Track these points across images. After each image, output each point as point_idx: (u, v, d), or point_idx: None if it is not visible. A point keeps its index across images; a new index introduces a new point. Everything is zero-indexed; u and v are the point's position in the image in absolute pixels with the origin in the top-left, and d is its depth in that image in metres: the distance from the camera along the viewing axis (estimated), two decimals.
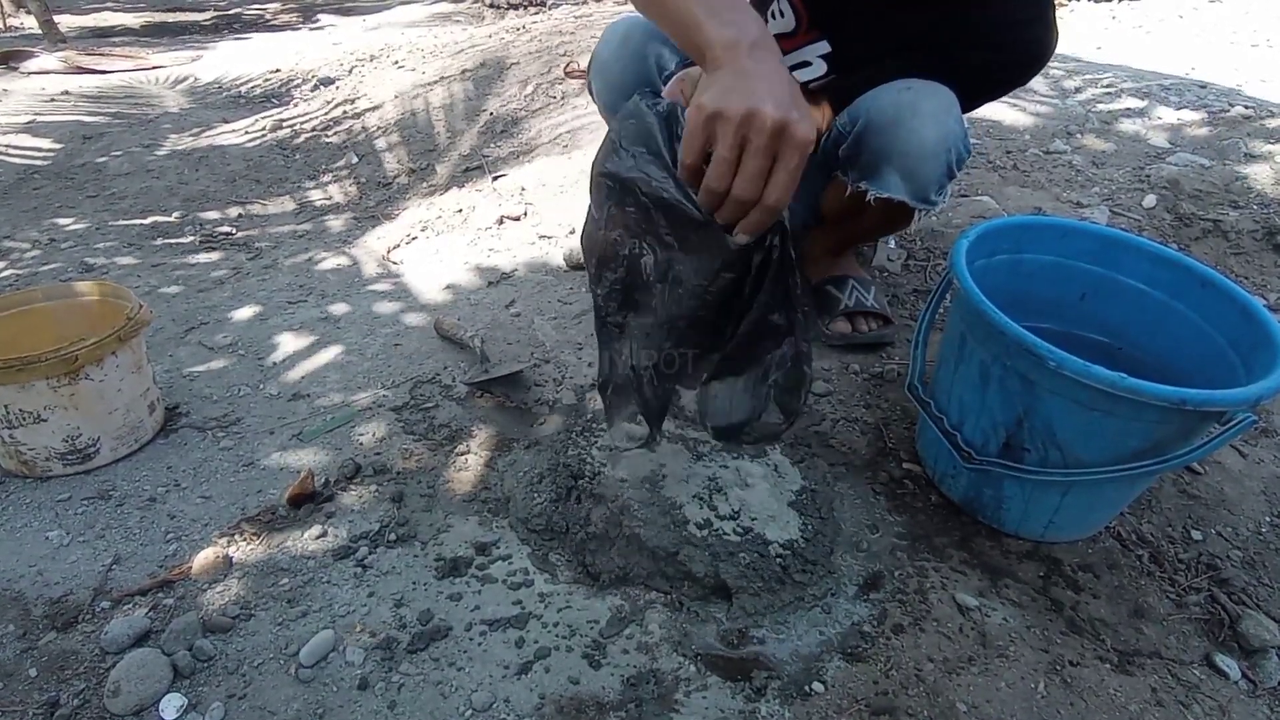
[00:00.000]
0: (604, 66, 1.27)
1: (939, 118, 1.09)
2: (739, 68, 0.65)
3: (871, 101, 1.13)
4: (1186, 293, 1.06)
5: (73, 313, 1.29)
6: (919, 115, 1.08)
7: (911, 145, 1.09)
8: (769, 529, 0.97)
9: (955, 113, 1.10)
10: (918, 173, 1.11)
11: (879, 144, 1.12)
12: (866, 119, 1.12)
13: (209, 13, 6.58)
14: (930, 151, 1.09)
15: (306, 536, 1.03)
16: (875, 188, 1.15)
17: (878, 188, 1.15)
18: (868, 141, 1.13)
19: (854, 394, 1.33)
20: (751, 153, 0.63)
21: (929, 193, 1.14)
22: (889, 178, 1.13)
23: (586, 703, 0.83)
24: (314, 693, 0.83)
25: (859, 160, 1.16)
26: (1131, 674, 0.89)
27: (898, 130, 1.10)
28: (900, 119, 1.09)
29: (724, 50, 0.66)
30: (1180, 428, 0.87)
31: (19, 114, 3.28)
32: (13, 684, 0.84)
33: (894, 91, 1.11)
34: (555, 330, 1.52)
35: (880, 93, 1.13)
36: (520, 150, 2.47)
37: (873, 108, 1.12)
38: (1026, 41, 1.13)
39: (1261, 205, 1.70)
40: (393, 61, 3.65)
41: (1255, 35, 2.86)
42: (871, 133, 1.12)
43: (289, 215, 2.44)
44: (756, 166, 0.64)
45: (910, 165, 1.11)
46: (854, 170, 1.17)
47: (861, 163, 1.16)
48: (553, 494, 1.07)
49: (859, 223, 1.24)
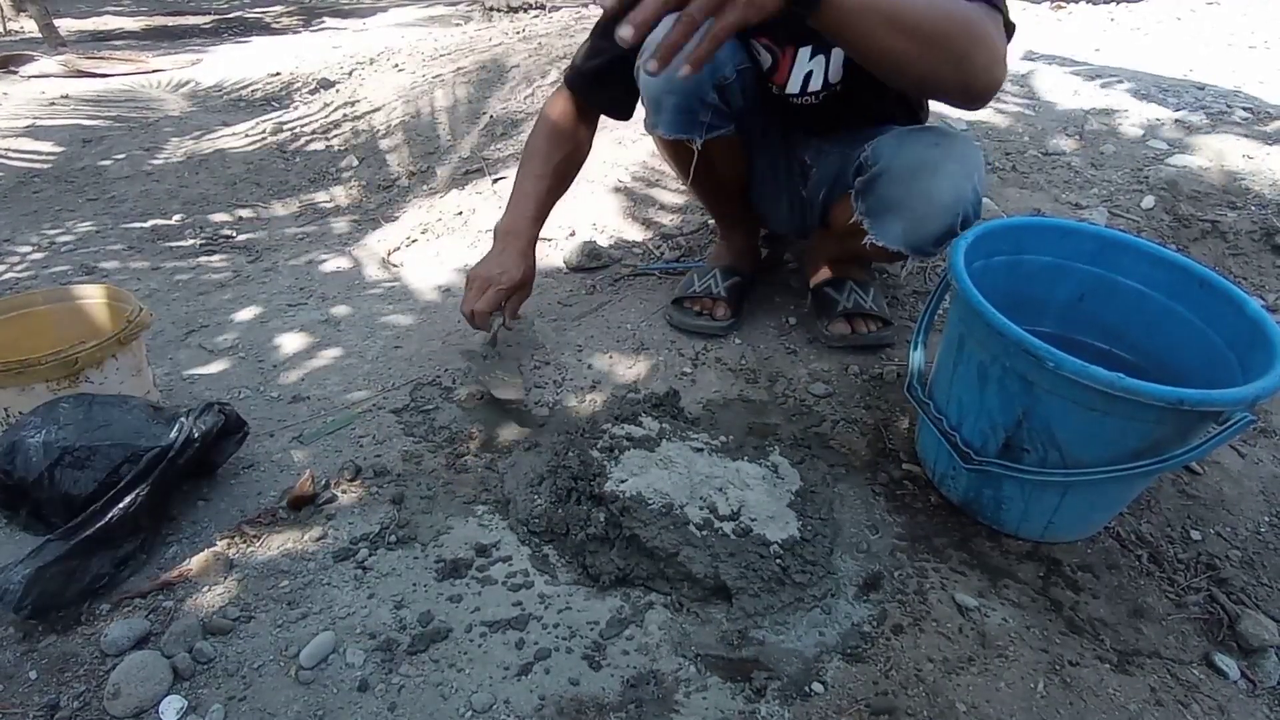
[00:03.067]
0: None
1: (957, 181, 1.08)
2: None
3: (898, 148, 1.13)
4: (1185, 293, 1.06)
5: (73, 316, 1.29)
6: (938, 175, 1.08)
7: (921, 204, 1.09)
8: (768, 529, 0.98)
9: (977, 177, 1.10)
10: (920, 230, 1.12)
11: (892, 194, 1.12)
12: (888, 164, 1.12)
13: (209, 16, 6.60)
14: (938, 213, 1.09)
15: (306, 538, 1.04)
16: (875, 233, 1.16)
17: (878, 233, 1.15)
18: (883, 187, 1.13)
19: (853, 395, 1.33)
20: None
21: (927, 247, 1.14)
22: (892, 227, 1.14)
23: (586, 704, 0.83)
24: (314, 694, 0.83)
25: (869, 199, 1.16)
26: (1131, 674, 0.89)
27: (913, 185, 1.09)
28: (919, 175, 1.09)
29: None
30: (1178, 428, 0.88)
31: (19, 118, 3.28)
32: (13, 686, 0.84)
33: (923, 145, 1.10)
34: (555, 332, 1.53)
35: (909, 139, 1.13)
36: (520, 152, 2.47)
37: (897, 155, 1.12)
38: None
39: (1260, 206, 1.70)
40: (392, 64, 3.66)
41: (1253, 37, 2.86)
42: (888, 179, 1.12)
43: (289, 218, 2.44)
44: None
45: (915, 222, 1.11)
46: (862, 203, 1.18)
47: (870, 202, 1.16)
48: (553, 496, 1.07)
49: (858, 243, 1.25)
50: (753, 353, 1.44)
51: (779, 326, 1.52)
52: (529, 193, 1.33)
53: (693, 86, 1.18)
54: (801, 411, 1.30)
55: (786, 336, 1.49)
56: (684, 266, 1.72)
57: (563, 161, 1.35)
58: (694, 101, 1.20)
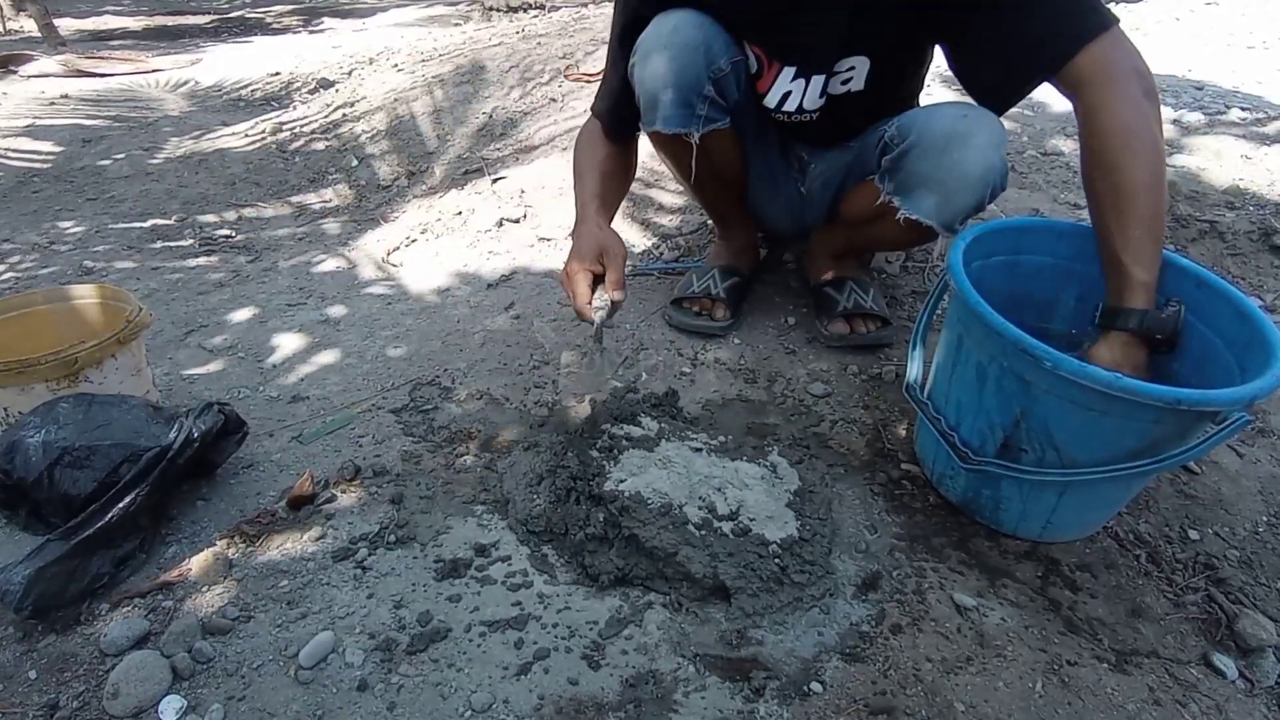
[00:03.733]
0: (649, 56, 1.20)
1: (986, 152, 1.08)
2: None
3: (925, 122, 1.12)
4: (1183, 293, 1.06)
5: (72, 316, 1.29)
6: (969, 146, 1.08)
7: (954, 175, 1.09)
8: (767, 529, 0.98)
9: (1003, 147, 1.11)
10: (953, 202, 1.12)
11: (924, 167, 1.12)
12: (917, 138, 1.12)
13: (209, 16, 6.59)
14: (971, 184, 1.10)
15: (306, 538, 1.04)
16: (907, 207, 1.15)
17: (910, 208, 1.15)
18: (913, 161, 1.13)
19: (852, 395, 1.33)
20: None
21: (957, 221, 1.14)
22: (924, 201, 1.14)
23: (586, 703, 0.83)
24: (313, 694, 0.83)
25: (898, 175, 1.16)
26: (1129, 673, 0.89)
27: (945, 158, 1.09)
28: (950, 147, 1.09)
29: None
30: (1176, 428, 0.88)
31: (18, 117, 3.28)
32: (12, 686, 0.84)
33: (950, 118, 1.10)
34: (555, 332, 1.53)
35: (936, 113, 1.13)
36: (519, 152, 2.47)
37: (925, 129, 1.12)
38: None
39: (1258, 206, 1.71)
40: (391, 64, 3.66)
41: (1252, 37, 2.86)
42: (918, 153, 1.12)
43: (288, 218, 2.44)
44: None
45: (948, 194, 1.11)
46: (891, 182, 1.18)
47: (900, 178, 1.16)
48: (552, 496, 1.07)
49: (876, 230, 1.24)
50: (751, 353, 1.44)
51: (778, 326, 1.52)
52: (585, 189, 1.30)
53: (690, 78, 1.19)
54: (800, 411, 1.30)
55: (785, 336, 1.49)
56: (683, 267, 1.72)
57: (605, 159, 1.34)
58: (691, 95, 1.20)
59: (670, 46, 1.18)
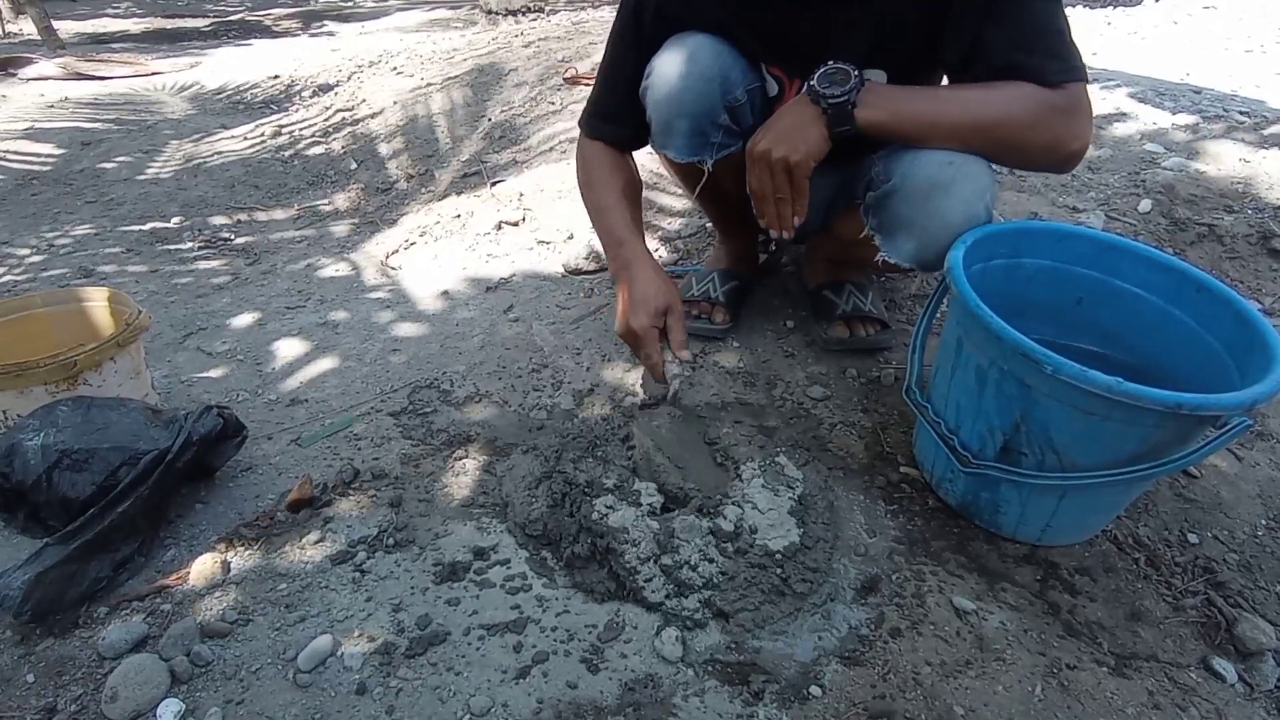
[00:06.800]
0: (664, 83, 1.17)
1: (969, 202, 1.08)
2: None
3: (910, 166, 1.11)
4: (1182, 297, 1.06)
5: (71, 318, 1.29)
6: (951, 196, 1.07)
7: (934, 224, 1.09)
8: (770, 539, 0.97)
9: (989, 196, 1.10)
10: (931, 249, 1.11)
11: (905, 212, 1.11)
12: (901, 182, 1.11)
13: (209, 19, 6.60)
14: (951, 233, 1.09)
15: (304, 541, 1.04)
16: (887, 249, 1.15)
17: (889, 250, 1.14)
18: (895, 205, 1.12)
19: (851, 398, 1.33)
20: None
21: (936, 266, 1.13)
22: (903, 245, 1.13)
23: (585, 707, 0.83)
24: (312, 698, 0.83)
25: (881, 215, 1.15)
26: (1128, 677, 0.89)
27: (926, 205, 1.09)
28: (933, 195, 1.08)
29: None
30: (1176, 432, 0.88)
31: (18, 120, 3.29)
32: (10, 690, 0.84)
33: (935, 165, 1.09)
34: (553, 335, 1.53)
35: (922, 159, 1.11)
36: (519, 156, 2.48)
37: (910, 174, 1.11)
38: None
39: (1256, 210, 1.71)
40: (391, 68, 3.66)
41: (1249, 41, 2.87)
42: (901, 198, 1.11)
43: (288, 221, 2.44)
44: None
45: (927, 241, 1.11)
46: (874, 219, 1.17)
47: (882, 219, 1.15)
48: (550, 499, 1.07)
49: (862, 252, 1.24)
50: (751, 356, 1.44)
51: (777, 330, 1.52)
52: (615, 221, 1.25)
53: (705, 108, 1.17)
54: (800, 415, 1.30)
55: (784, 340, 1.49)
56: (682, 270, 1.72)
57: (622, 184, 1.30)
58: (706, 124, 1.19)
59: (686, 76, 1.15)
